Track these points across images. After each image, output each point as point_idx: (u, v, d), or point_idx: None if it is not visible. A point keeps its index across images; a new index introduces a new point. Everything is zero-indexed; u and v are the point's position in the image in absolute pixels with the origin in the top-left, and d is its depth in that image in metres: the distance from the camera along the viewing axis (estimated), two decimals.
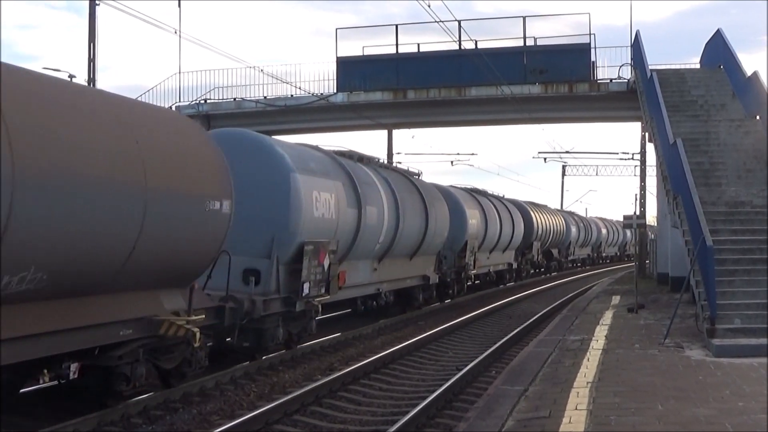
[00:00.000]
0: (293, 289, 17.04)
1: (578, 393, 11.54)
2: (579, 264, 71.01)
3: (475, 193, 37.95)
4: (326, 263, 18.00)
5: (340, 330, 21.66)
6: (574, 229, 63.21)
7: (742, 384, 12.01)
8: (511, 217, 42.55)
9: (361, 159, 23.52)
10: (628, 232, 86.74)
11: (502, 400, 11.50)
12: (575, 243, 64.84)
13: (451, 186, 35.05)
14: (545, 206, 58.14)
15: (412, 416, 12.14)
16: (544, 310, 29.18)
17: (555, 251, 58.02)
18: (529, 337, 21.85)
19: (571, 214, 68.77)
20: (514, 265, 45.04)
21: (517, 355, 16.61)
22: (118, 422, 11.96)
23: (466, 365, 16.85)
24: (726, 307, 16.27)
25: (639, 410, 10.32)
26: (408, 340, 20.77)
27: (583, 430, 9.40)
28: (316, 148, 21.03)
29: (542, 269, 56.24)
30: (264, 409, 12.43)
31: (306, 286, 17.10)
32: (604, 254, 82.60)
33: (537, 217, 49.37)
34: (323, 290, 18.00)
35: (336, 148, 22.19)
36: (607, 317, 21.68)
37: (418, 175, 28.92)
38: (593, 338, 17.41)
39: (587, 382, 12.32)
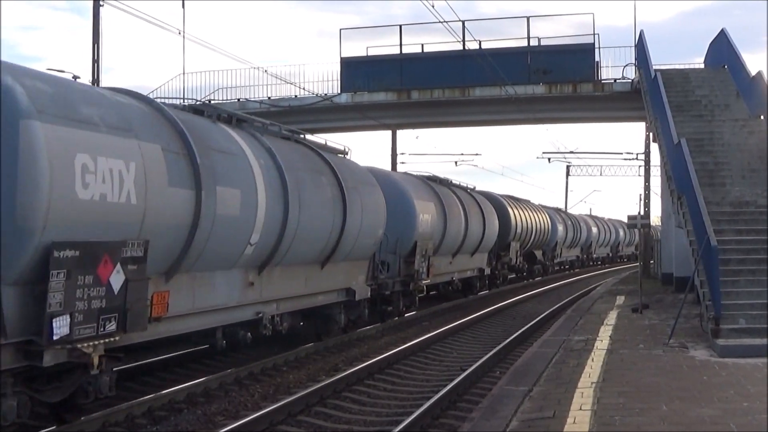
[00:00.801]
0: (35, 330, 9.74)
1: (582, 393, 11.54)
2: (567, 267, 66.15)
3: (431, 181, 31.12)
4: (117, 280, 10.69)
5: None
6: (561, 228, 57.58)
7: (747, 384, 12.00)
8: (482, 212, 35.34)
9: (219, 116, 15.67)
10: (621, 231, 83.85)
11: (507, 400, 11.51)
12: (562, 244, 59.55)
13: (404, 172, 31.09)
14: (527, 201, 52.70)
15: (417, 417, 12.14)
16: (548, 311, 29.15)
17: (539, 253, 51.81)
18: (533, 337, 21.84)
19: (558, 210, 63.77)
20: (487, 271, 37.89)
21: (522, 356, 16.60)
22: (122, 422, 11.99)
23: (471, 366, 16.85)
24: (730, 307, 16.26)
25: (643, 411, 10.32)
26: (412, 340, 20.77)
27: (587, 431, 9.40)
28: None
29: (524, 274, 49.34)
30: (268, 409, 12.43)
31: (58, 322, 9.73)
32: (594, 255, 75.61)
33: (516, 214, 42.95)
34: (110, 325, 10.62)
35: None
36: (612, 317, 21.67)
37: (345, 153, 21.54)
38: (597, 338, 17.41)
39: (591, 383, 12.32)
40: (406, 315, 26.40)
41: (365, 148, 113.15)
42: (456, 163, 60.25)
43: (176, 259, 12.51)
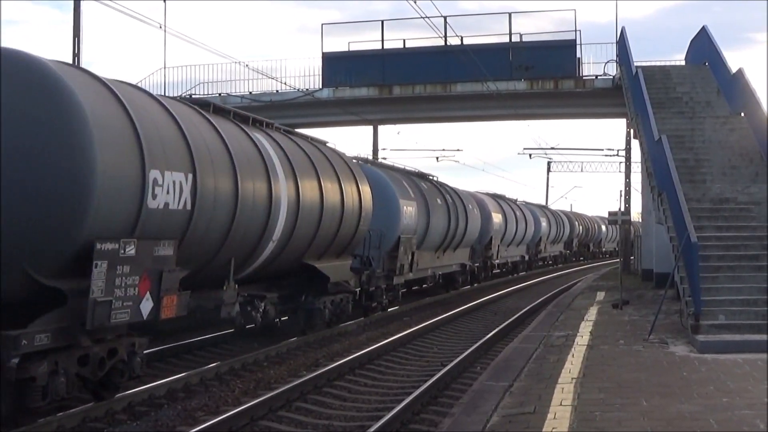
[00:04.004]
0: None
1: (563, 389, 11.56)
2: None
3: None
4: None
5: None
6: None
7: (727, 380, 12.04)
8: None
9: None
10: (577, 225, 75.91)
11: (487, 395, 11.52)
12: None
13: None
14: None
15: (397, 412, 12.13)
16: (529, 306, 29.19)
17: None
18: (514, 333, 21.86)
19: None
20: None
21: (502, 351, 16.61)
22: (102, 418, 11.93)
23: (451, 361, 16.85)
24: (710, 303, 16.32)
25: (624, 406, 10.34)
26: (393, 335, 20.75)
27: (568, 426, 9.41)
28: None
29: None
30: (249, 405, 12.39)
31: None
32: (542, 254, 60.91)
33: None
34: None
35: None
36: (592, 313, 21.72)
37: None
38: (578, 334, 17.44)
39: (572, 378, 12.34)
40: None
41: (347, 143, 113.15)
42: (437, 158, 60.23)
43: None
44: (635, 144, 35.45)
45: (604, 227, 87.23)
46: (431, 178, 34.26)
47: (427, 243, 29.82)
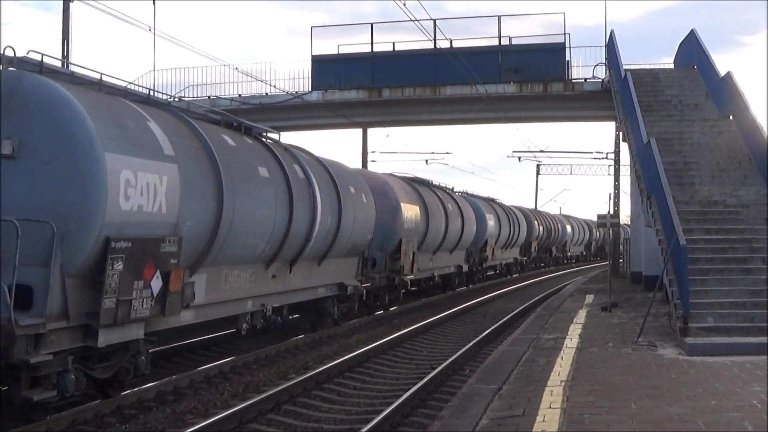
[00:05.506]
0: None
1: (552, 392, 11.57)
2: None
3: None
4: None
5: None
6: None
7: (715, 382, 12.07)
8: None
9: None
10: (537, 225, 61.41)
11: (477, 398, 11.52)
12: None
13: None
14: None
15: (387, 415, 12.13)
16: (519, 309, 29.21)
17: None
18: (503, 335, 21.88)
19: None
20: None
21: (492, 354, 16.62)
22: (91, 421, 11.91)
23: (441, 364, 16.86)
24: (699, 305, 16.36)
25: (612, 409, 10.36)
26: (383, 338, 20.75)
27: (557, 429, 9.42)
28: None
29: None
30: (238, 408, 12.38)
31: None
32: (491, 262, 46.38)
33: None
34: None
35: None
36: (581, 316, 21.75)
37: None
38: (567, 337, 17.46)
39: (561, 381, 12.35)
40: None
41: (336, 146, 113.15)
42: (426, 161, 60.23)
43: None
44: (624, 147, 35.52)
45: (569, 227, 76.98)
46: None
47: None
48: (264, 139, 18.47)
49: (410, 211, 28.11)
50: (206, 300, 14.74)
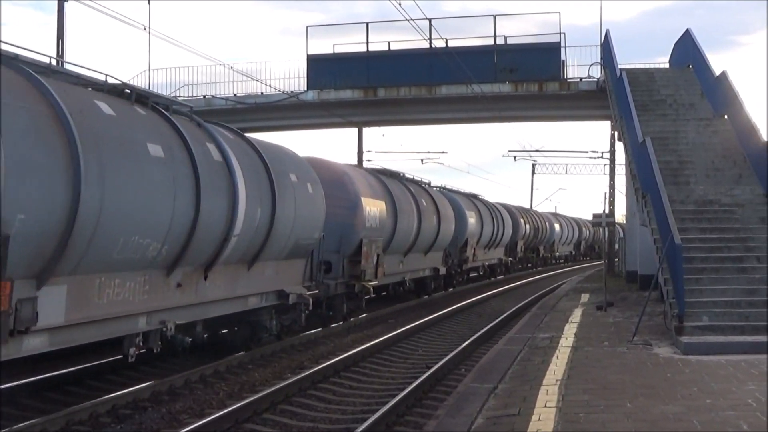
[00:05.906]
0: None
1: (547, 390, 11.57)
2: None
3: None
4: None
5: None
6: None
7: (710, 381, 12.08)
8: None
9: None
10: (523, 223, 57.60)
11: (472, 398, 11.52)
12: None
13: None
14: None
15: (382, 414, 12.12)
16: (514, 308, 29.21)
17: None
18: (498, 335, 21.87)
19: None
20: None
21: (487, 353, 16.62)
22: (86, 421, 11.89)
23: (436, 363, 16.85)
24: (694, 304, 16.38)
25: (608, 408, 10.36)
26: (378, 338, 20.74)
27: (552, 428, 9.42)
28: None
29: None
30: (233, 407, 12.36)
31: None
32: (472, 266, 42.96)
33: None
34: None
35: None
36: (576, 315, 21.76)
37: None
38: (562, 336, 17.47)
39: (556, 380, 12.35)
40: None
41: (331, 145, 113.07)
42: (422, 161, 60.38)
43: None
44: (620, 146, 35.58)
45: (557, 226, 72.84)
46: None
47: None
48: (165, 112, 14.15)
49: (373, 206, 24.42)
50: (68, 320, 11.07)
